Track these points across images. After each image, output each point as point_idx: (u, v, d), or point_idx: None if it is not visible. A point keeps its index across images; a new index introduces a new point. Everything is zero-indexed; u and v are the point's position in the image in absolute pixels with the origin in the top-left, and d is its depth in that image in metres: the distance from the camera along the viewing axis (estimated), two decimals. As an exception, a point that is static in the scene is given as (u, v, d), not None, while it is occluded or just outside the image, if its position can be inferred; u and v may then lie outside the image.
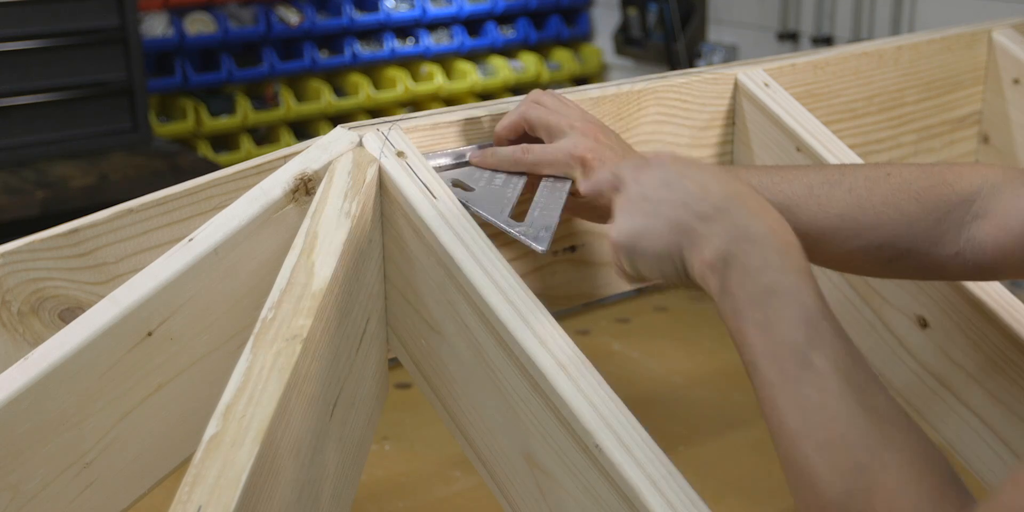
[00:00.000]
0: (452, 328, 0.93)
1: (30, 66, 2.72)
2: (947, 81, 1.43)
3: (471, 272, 0.89)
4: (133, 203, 0.94)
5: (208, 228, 0.89)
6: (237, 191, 0.95)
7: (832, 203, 0.95)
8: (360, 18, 3.57)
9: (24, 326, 0.93)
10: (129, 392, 0.86)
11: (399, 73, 3.64)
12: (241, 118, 3.40)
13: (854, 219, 0.94)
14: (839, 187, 0.96)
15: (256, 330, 0.79)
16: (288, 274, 0.84)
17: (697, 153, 1.22)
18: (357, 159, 0.95)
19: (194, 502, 0.65)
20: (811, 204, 0.96)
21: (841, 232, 0.94)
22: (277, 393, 0.73)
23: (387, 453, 1.47)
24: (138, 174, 2.71)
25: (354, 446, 0.94)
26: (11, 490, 0.79)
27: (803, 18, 3.35)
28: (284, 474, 0.74)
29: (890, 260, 0.95)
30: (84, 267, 0.94)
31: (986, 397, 1.06)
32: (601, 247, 1.16)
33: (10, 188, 2.58)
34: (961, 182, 0.94)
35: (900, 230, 0.94)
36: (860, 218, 0.94)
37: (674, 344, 1.77)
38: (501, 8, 3.81)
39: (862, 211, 0.95)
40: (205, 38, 3.36)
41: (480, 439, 0.94)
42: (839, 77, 1.30)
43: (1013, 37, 1.47)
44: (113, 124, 2.86)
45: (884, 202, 0.95)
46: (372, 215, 0.94)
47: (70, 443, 0.82)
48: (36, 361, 0.79)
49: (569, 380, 0.84)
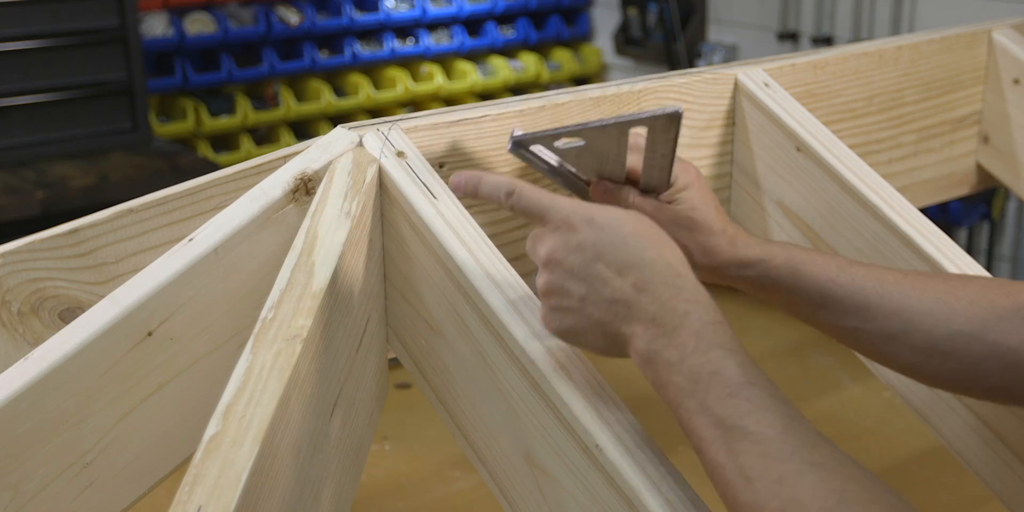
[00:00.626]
0: (452, 328, 0.93)
1: (30, 66, 2.72)
2: (947, 81, 1.43)
3: (471, 272, 0.89)
4: (133, 203, 0.94)
5: (208, 228, 0.89)
6: (237, 191, 0.95)
7: (927, 288, 0.95)
8: (360, 18, 3.57)
9: (24, 326, 0.93)
10: (129, 392, 0.86)
11: (399, 73, 3.64)
12: (241, 118, 3.40)
13: (947, 304, 0.94)
14: (935, 278, 0.97)
15: (256, 330, 0.79)
16: (288, 274, 0.84)
17: (697, 153, 1.22)
18: (357, 159, 0.95)
19: (194, 502, 0.65)
20: (905, 285, 0.96)
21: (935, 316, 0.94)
22: (277, 393, 0.73)
23: (387, 453, 1.47)
24: (138, 174, 2.71)
25: (354, 446, 0.94)
26: (11, 490, 0.79)
27: (803, 18, 3.35)
28: (284, 474, 0.74)
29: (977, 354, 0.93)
30: (84, 267, 0.94)
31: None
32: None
33: (10, 188, 2.58)
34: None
35: (991, 323, 0.92)
36: (954, 304, 0.94)
37: (674, 344, 1.77)
38: (501, 8, 3.81)
39: (956, 298, 0.94)
40: (205, 38, 3.36)
41: (480, 439, 0.94)
42: (839, 77, 1.30)
43: (1013, 37, 1.47)
44: (113, 124, 2.85)
45: (978, 293, 0.94)
46: (372, 215, 0.94)
47: (70, 443, 0.82)
48: (36, 361, 0.79)
49: (569, 380, 0.84)
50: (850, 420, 1.56)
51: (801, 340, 1.78)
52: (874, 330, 0.96)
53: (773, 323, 1.84)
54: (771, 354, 1.76)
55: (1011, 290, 0.94)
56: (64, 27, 2.74)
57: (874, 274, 0.97)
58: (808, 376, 1.68)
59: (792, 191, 1.20)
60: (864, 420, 1.55)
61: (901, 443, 1.46)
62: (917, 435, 1.44)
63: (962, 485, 1.19)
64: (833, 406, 1.59)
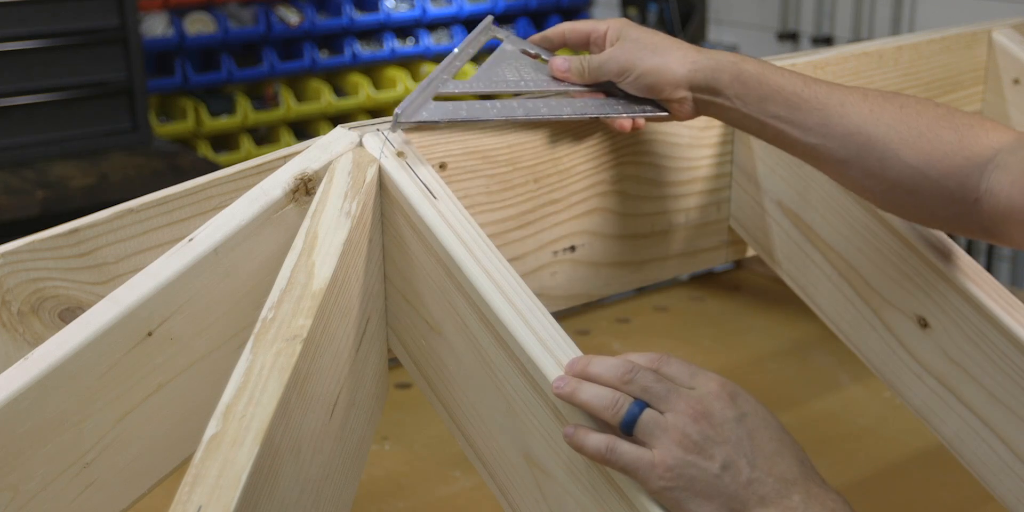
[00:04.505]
0: (452, 328, 0.93)
1: (30, 66, 2.72)
2: (947, 81, 1.43)
3: (471, 272, 0.89)
4: (133, 203, 0.94)
5: (208, 228, 0.89)
6: (237, 191, 0.95)
7: (884, 113, 0.97)
8: (360, 18, 3.57)
9: (24, 326, 0.93)
10: (129, 392, 0.86)
11: (399, 73, 3.64)
12: (241, 118, 3.40)
13: (899, 133, 0.95)
14: (893, 102, 0.98)
15: (256, 330, 0.79)
16: (288, 274, 0.84)
17: (697, 153, 1.22)
18: (357, 159, 0.95)
19: (194, 502, 0.65)
20: (863, 109, 0.97)
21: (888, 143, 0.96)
22: (277, 393, 0.73)
23: (387, 453, 1.47)
24: (138, 174, 2.71)
25: (354, 446, 0.94)
26: (11, 490, 0.79)
27: (803, 18, 3.35)
28: (284, 474, 0.74)
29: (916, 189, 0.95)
30: (84, 267, 0.94)
31: (986, 397, 1.06)
32: (601, 247, 1.16)
33: (10, 188, 2.58)
34: (993, 132, 0.95)
35: (936, 157, 0.94)
36: (905, 134, 0.95)
37: (674, 344, 1.77)
38: (501, 8, 3.81)
39: (908, 128, 0.96)
40: (205, 38, 3.36)
41: (480, 439, 0.94)
42: (839, 77, 1.29)
43: (1013, 37, 1.47)
44: (113, 124, 2.85)
45: (929, 126, 0.96)
46: (372, 215, 0.94)
47: (70, 443, 0.82)
48: (36, 361, 0.79)
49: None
50: (850, 420, 1.55)
51: (801, 340, 1.77)
52: (831, 149, 0.98)
53: (773, 323, 1.84)
54: (771, 354, 1.76)
55: (957, 124, 0.96)
56: (64, 27, 2.74)
57: (836, 93, 0.99)
58: (808, 376, 1.68)
59: (792, 191, 1.20)
60: (864, 420, 1.55)
61: (901, 443, 1.46)
62: (917, 435, 1.44)
63: (962, 485, 1.18)
64: (833, 406, 1.59)
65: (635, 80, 1.02)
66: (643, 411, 0.80)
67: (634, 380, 0.81)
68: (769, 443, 0.80)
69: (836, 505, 0.78)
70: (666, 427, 0.79)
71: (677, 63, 1.01)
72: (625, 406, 0.80)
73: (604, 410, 0.80)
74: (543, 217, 1.10)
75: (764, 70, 1.00)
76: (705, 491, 0.78)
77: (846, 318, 1.17)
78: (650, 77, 1.02)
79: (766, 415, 0.81)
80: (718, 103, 1.02)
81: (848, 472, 1.40)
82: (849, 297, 1.16)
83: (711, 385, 0.81)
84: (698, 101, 1.03)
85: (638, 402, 0.80)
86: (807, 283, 1.21)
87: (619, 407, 0.80)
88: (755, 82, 0.99)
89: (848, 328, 1.18)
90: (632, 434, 0.80)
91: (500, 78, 1.04)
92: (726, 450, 0.78)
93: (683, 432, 0.78)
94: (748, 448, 0.79)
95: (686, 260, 1.26)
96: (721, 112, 1.03)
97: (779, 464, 0.79)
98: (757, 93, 0.99)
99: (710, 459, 0.78)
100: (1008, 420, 1.05)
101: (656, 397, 0.80)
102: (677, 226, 1.23)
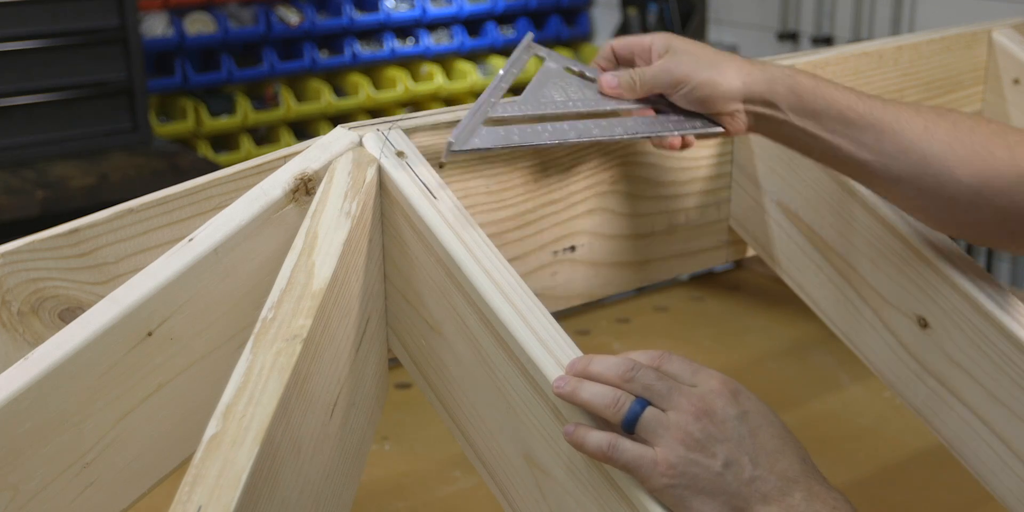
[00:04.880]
0: (452, 328, 0.93)
1: (30, 66, 2.72)
2: (947, 81, 1.43)
3: (471, 272, 0.89)
4: (133, 203, 0.94)
5: (208, 228, 0.89)
6: (237, 191, 0.95)
7: (938, 129, 0.96)
8: (360, 18, 3.57)
9: (24, 326, 0.93)
10: (129, 392, 0.86)
11: (399, 73, 3.64)
12: (241, 118, 3.40)
13: (953, 151, 0.95)
14: (946, 118, 0.97)
15: (256, 330, 0.79)
16: (288, 274, 0.84)
17: (697, 153, 1.22)
18: (357, 159, 0.95)
19: (194, 502, 0.65)
20: (917, 125, 0.96)
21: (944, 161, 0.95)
22: (277, 393, 0.73)
23: (387, 453, 1.47)
24: (138, 174, 2.71)
25: (354, 446, 0.94)
26: (11, 490, 0.79)
27: (803, 18, 3.35)
28: (284, 474, 0.74)
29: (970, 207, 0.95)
30: (84, 267, 0.94)
31: (986, 397, 1.06)
32: (601, 247, 1.16)
33: (10, 188, 2.58)
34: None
35: (989, 175, 0.94)
36: (960, 151, 0.95)
37: (674, 344, 1.77)
38: (501, 8, 3.81)
39: (962, 145, 0.95)
40: (205, 38, 3.36)
41: (480, 439, 0.94)
42: (839, 77, 1.29)
43: (1013, 37, 1.47)
44: (113, 124, 2.85)
45: (983, 143, 0.95)
46: (372, 215, 0.94)
47: (70, 443, 0.82)
48: (36, 361, 0.79)
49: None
50: (850, 420, 1.55)
51: (801, 340, 1.77)
52: (885, 166, 0.97)
53: (773, 323, 1.84)
54: (771, 354, 1.76)
55: (1010, 141, 0.95)
56: (64, 27, 2.74)
57: (891, 108, 0.98)
58: (808, 376, 1.68)
59: (792, 191, 1.20)
60: (864, 420, 1.55)
61: (901, 443, 1.46)
62: (917, 435, 1.44)
63: (962, 485, 1.18)
64: (833, 406, 1.59)
65: (689, 92, 1.01)
66: (645, 409, 0.80)
67: (635, 378, 0.81)
68: (771, 441, 0.80)
69: (838, 504, 0.78)
70: (668, 425, 0.79)
71: (732, 75, 0.99)
72: (627, 404, 0.80)
73: (605, 408, 0.80)
74: (543, 217, 1.10)
75: (819, 83, 0.99)
76: (707, 489, 0.78)
77: (846, 318, 1.17)
78: (705, 89, 1.00)
79: (768, 413, 0.81)
80: (771, 116, 1.00)
81: (848, 472, 1.40)
82: (849, 297, 1.16)
83: (713, 383, 0.81)
84: (750, 114, 1.01)
85: (640, 400, 0.80)
86: (807, 283, 1.21)
87: (620, 405, 0.80)
88: (810, 95, 0.98)
89: (848, 328, 1.18)
90: (634, 432, 0.80)
91: (548, 99, 1.03)
92: (728, 448, 0.78)
93: (685, 430, 0.78)
94: (750, 446, 0.79)
95: (686, 260, 1.26)
96: (773, 126, 1.01)
97: (781, 462, 0.79)
98: (812, 106, 0.98)
99: (712, 457, 0.78)
100: (1008, 420, 1.05)
101: (658, 395, 0.80)
102: (677, 226, 1.23)
